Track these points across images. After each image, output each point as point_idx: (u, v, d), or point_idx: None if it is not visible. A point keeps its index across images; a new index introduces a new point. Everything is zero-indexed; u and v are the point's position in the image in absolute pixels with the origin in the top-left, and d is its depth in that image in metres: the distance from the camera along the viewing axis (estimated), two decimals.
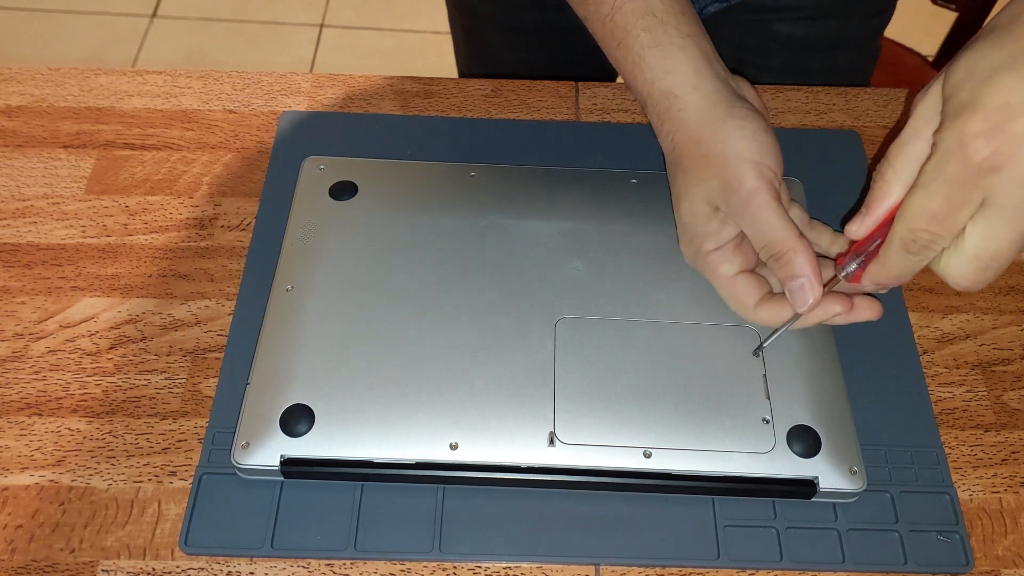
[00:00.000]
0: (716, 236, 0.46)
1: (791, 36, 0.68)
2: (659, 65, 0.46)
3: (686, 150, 0.46)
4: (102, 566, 0.42)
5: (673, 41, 0.46)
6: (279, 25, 1.86)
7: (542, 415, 0.44)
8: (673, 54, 0.46)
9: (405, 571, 0.43)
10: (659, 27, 0.47)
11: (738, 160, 0.44)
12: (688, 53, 0.46)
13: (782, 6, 0.66)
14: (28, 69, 0.61)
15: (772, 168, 0.45)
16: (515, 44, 0.77)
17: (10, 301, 0.50)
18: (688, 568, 0.43)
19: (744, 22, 0.68)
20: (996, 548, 0.44)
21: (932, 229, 0.37)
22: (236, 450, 0.43)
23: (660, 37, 0.46)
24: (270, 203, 0.54)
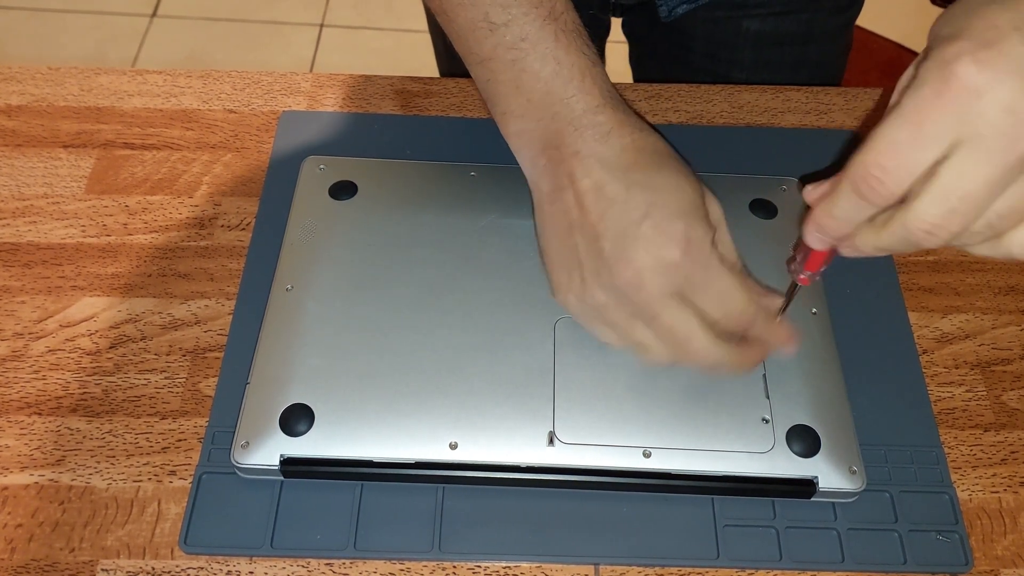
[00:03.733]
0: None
1: (760, 32, 0.69)
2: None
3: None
4: (102, 565, 0.42)
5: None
6: (279, 25, 1.86)
7: (542, 415, 0.44)
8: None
9: (405, 571, 0.43)
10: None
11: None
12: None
13: (751, 3, 0.67)
14: (28, 69, 0.61)
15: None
16: None
17: (10, 300, 0.50)
18: (688, 568, 0.43)
19: (714, 19, 0.69)
20: (995, 548, 0.44)
21: (888, 164, 0.31)
22: (236, 450, 0.43)
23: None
24: (270, 203, 0.54)
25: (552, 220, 0.44)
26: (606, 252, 0.41)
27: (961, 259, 0.55)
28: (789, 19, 0.68)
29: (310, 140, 0.57)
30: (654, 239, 0.40)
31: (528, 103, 0.44)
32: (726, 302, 0.42)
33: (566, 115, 0.43)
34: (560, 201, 0.43)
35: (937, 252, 0.55)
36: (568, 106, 0.43)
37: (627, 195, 0.41)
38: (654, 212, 0.41)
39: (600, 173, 0.42)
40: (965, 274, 0.54)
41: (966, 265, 0.54)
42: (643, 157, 0.42)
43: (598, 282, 0.42)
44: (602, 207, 0.41)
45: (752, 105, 0.62)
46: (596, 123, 0.43)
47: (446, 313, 0.47)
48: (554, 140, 0.43)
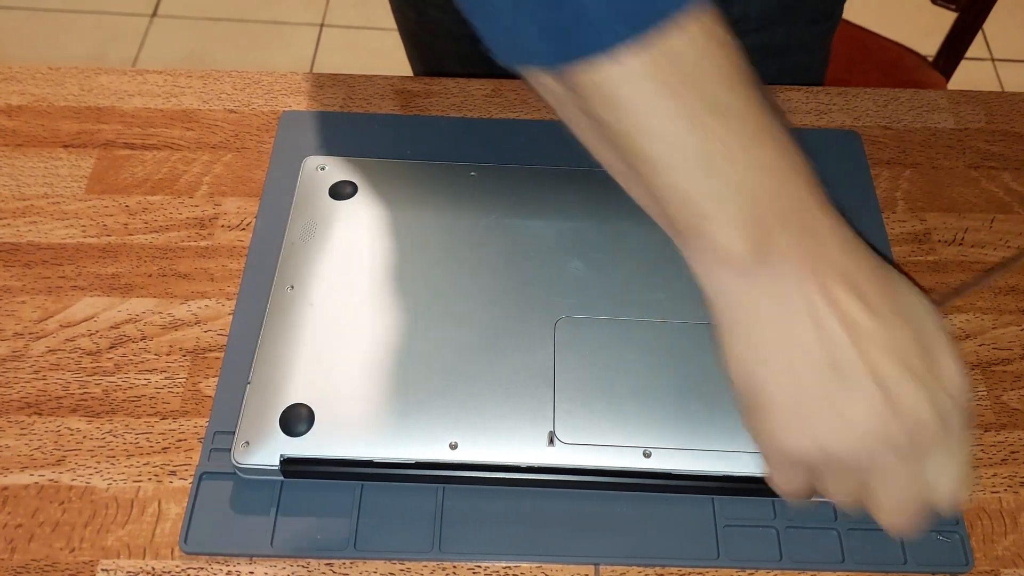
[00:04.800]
0: None
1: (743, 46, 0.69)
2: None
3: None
4: (102, 565, 0.42)
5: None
6: (279, 25, 1.86)
7: (542, 415, 0.44)
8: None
9: (405, 571, 0.43)
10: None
11: None
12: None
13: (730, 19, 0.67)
14: (28, 68, 0.61)
15: None
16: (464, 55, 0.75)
17: (10, 300, 0.50)
18: (688, 568, 0.43)
19: None
20: (996, 548, 0.44)
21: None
22: (236, 450, 0.43)
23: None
24: (270, 203, 0.54)
25: (787, 352, 0.35)
26: (873, 401, 0.34)
27: (961, 259, 0.55)
28: (767, 33, 0.69)
29: (310, 140, 0.57)
30: (932, 383, 0.34)
31: (760, 209, 0.33)
32: (953, 478, 0.36)
33: (805, 218, 0.34)
34: (802, 331, 0.34)
35: (937, 252, 0.55)
36: (808, 206, 0.34)
37: (893, 330, 0.34)
38: (927, 352, 0.35)
39: (855, 299, 0.34)
40: (965, 274, 0.54)
41: (966, 265, 0.54)
42: (882, 272, 0.36)
43: (858, 432, 0.35)
44: (867, 346, 0.34)
45: None
46: (837, 230, 0.35)
47: (446, 313, 0.47)
48: (785, 251, 0.34)
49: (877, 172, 0.58)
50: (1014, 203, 0.57)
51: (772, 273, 0.34)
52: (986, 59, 1.84)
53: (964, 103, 0.62)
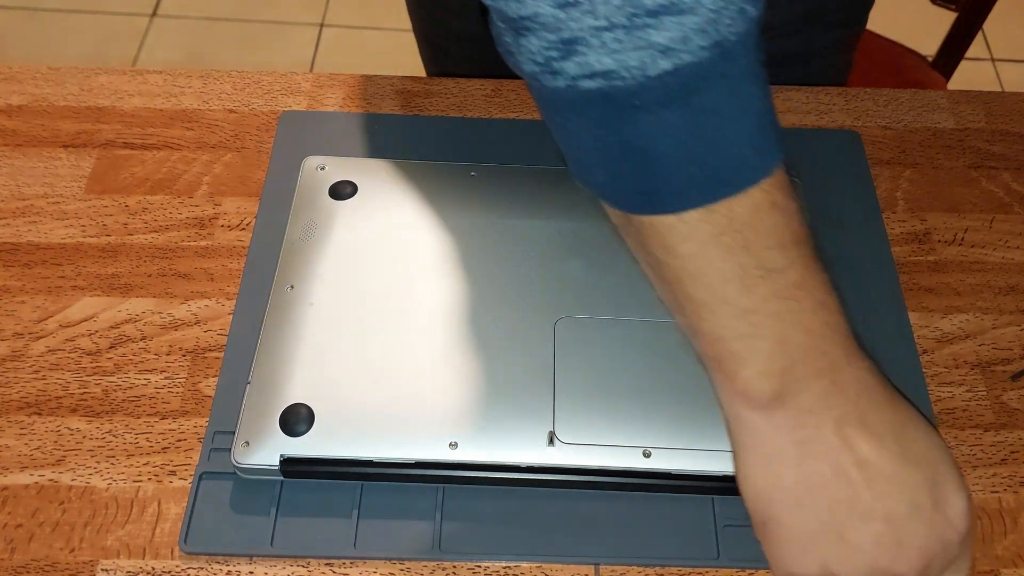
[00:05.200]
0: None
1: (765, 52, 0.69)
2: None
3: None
4: (102, 565, 0.42)
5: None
6: (279, 25, 1.86)
7: (542, 415, 0.44)
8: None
9: (405, 571, 0.43)
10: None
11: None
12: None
13: None
14: (28, 68, 0.61)
15: None
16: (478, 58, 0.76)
17: (10, 300, 0.50)
18: (688, 568, 0.43)
19: None
20: (996, 548, 0.44)
21: None
22: (236, 449, 0.43)
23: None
24: (270, 203, 0.54)
25: (803, 487, 0.37)
26: (882, 536, 0.36)
27: (961, 259, 0.55)
28: (790, 40, 0.68)
29: (310, 140, 0.57)
30: (939, 521, 0.36)
31: (790, 360, 0.35)
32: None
33: (829, 369, 0.36)
34: (817, 469, 0.36)
35: (937, 252, 0.55)
36: (833, 359, 0.36)
37: (904, 471, 0.36)
38: (936, 491, 0.36)
39: (870, 442, 0.36)
40: (965, 274, 0.54)
41: (966, 265, 0.54)
42: (899, 416, 0.37)
43: (865, 562, 0.36)
44: (879, 486, 0.36)
45: None
46: (860, 379, 0.36)
47: (446, 313, 0.47)
48: (807, 399, 0.36)
49: (877, 172, 0.58)
50: (1014, 203, 0.57)
51: (794, 417, 0.36)
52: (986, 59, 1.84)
53: (964, 103, 0.62)
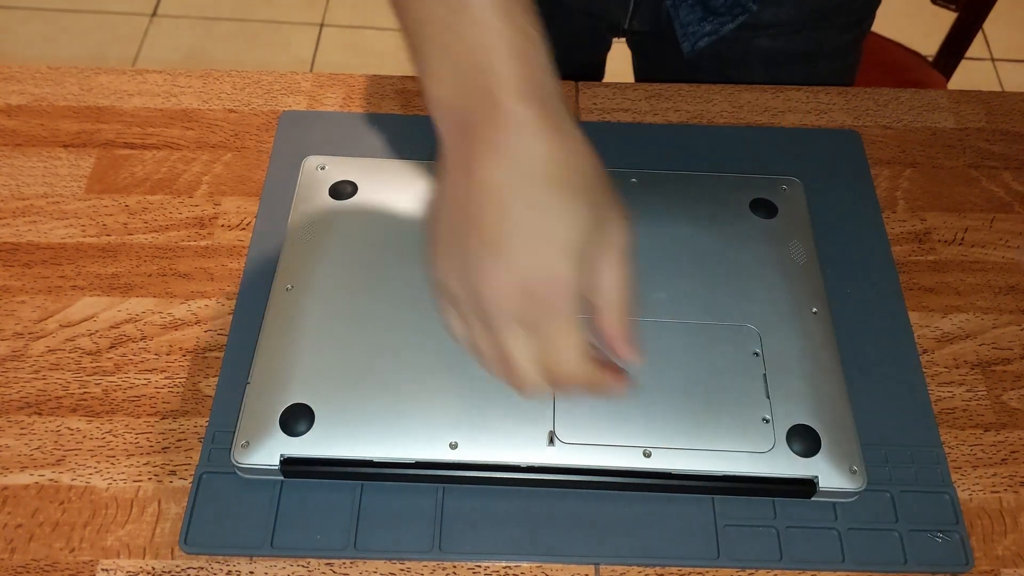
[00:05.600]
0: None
1: (771, 49, 0.69)
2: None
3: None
4: (102, 565, 0.42)
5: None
6: (279, 25, 1.86)
7: (542, 414, 0.44)
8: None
9: (405, 571, 0.43)
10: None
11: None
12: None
13: (762, 23, 0.67)
14: (28, 68, 0.61)
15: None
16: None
17: (10, 300, 0.50)
18: (688, 568, 0.43)
19: (726, 38, 0.68)
20: (996, 548, 0.44)
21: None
22: (236, 449, 0.43)
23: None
24: (270, 202, 0.54)
25: (446, 195, 0.41)
26: (476, 252, 0.39)
27: (961, 259, 0.55)
28: (799, 38, 0.68)
29: (310, 140, 0.57)
30: (518, 262, 0.38)
31: (454, 71, 0.40)
32: (558, 354, 0.40)
33: (489, 95, 0.39)
34: (457, 184, 0.40)
35: (937, 252, 0.55)
36: (493, 85, 0.39)
37: (515, 205, 0.39)
38: (530, 236, 0.38)
39: (503, 173, 0.39)
40: (965, 274, 0.54)
41: (966, 265, 0.54)
42: (553, 170, 0.39)
43: (460, 276, 0.40)
44: (490, 209, 0.39)
45: (752, 105, 0.62)
46: (518, 113, 0.39)
47: None
48: (471, 118, 0.39)
49: (877, 172, 0.58)
50: (1014, 203, 0.57)
51: (452, 132, 0.40)
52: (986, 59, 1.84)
53: (964, 103, 0.63)
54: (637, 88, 0.62)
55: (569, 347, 0.39)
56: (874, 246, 0.54)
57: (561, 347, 0.39)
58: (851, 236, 0.54)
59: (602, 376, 0.41)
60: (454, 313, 0.42)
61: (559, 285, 0.39)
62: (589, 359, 0.40)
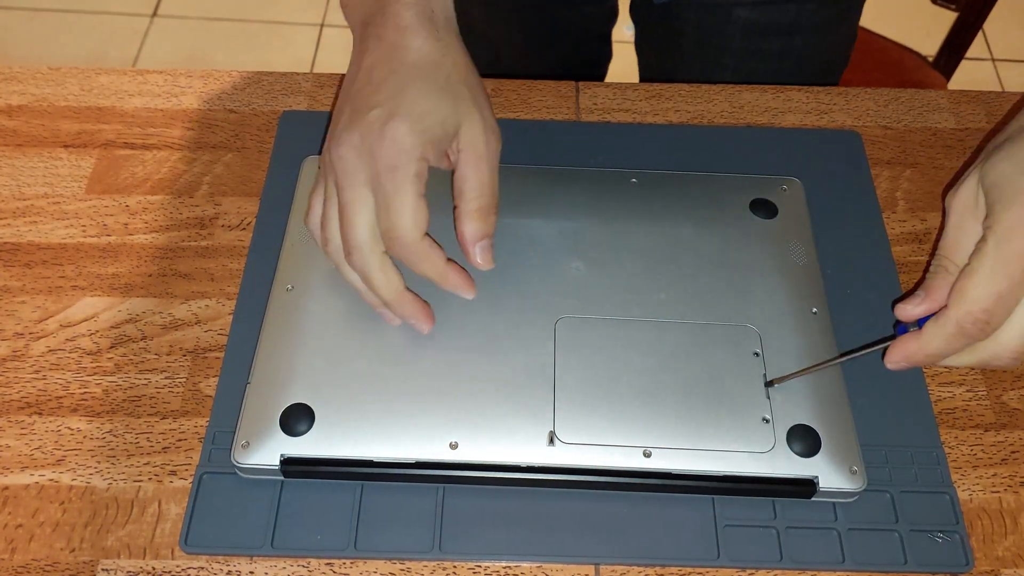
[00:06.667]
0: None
1: (749, 20, 0.71)
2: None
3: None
4: (102, 565, 0.42)
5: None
6: (279, 25, 1.86)
7: (542, 415, 0.44)
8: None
9: (405, 571, 0.43)
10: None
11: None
12: None
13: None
14: (29, 69, 0.61)
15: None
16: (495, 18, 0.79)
17: (10, 300, 0.50)
18: (688, 568, 0.43)
19: (706, 7, 0.71)
20: (996, 548, 0.44)
21: (992, 309, 0.38)
22: (236, 449, 0.43)
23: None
24: (270, 203, 0.54)
25: (345, 81, 0.47)
26: (343, 121, 0.44)
27: None
28: (777, 9, 0.70)
29: (310, 140, 0.57)
30: (368, 128, 0.42)
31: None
32: (392, 213, 0.42)
33: (381, 1, 0.46)
34: (349, 71, 0.46)
35: None
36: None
37: (381, 85, 0.44)
38: (386, 106, 0.43)
39: (380, 58, 0.44)
40: None
41: None
42: (420, 62, 0.44)
43: (329, 143, 0.45)
44: (361, 84, 0.44)
45: (752, 105, 0.62)
46: (399, 15, 0.45)
47: (446, 313, 0.47)
48: (367, 18, 0.46)
49: (877, 172, 0.58)
50: None
51: (360, 36, 0.47)
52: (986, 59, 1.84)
53: (964, 103, 0.63)
54: (637, 88, 0.62)
55: (403, 204, 0.42)
56: (874, 246, 0.54)
57: (393, 204, 0.42)
58: (851, 236, 0.54)
59: (437, 256, 0.44)
60: (319, 191, 0.46)
61: (401, 148, 0.42)
62: (423, 229, 0.43)
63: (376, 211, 0.43)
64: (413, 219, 0.42)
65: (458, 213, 0.45)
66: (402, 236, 0.42)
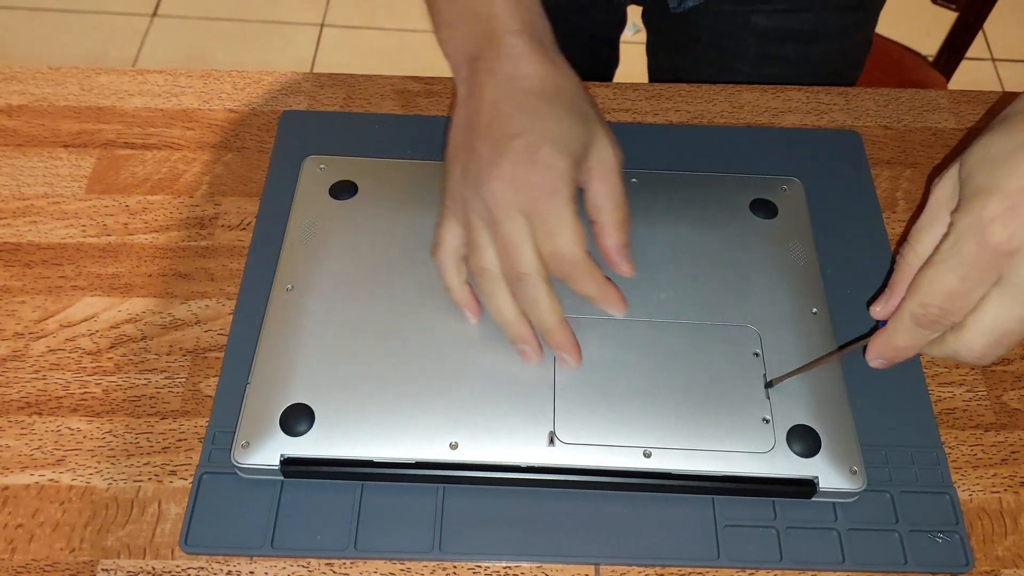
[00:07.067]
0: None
1: (766, 27, 0.71)
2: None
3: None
4: (102, 565, 0.42)
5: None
6: (279, 25, 1.86)
7: (542, 415, 0.44)
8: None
9: (405, 571, 0.43)
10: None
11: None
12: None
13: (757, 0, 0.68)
14: (29, 68, 0.61)
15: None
16: None
17: (10, 300, 0.50)
18: (688, 568, 0.43)
19: (722, 12, 0.71)
20: (996, 548, 0.44)
21: (945, 305, 0.38)
22: (236, 449, 0.43)
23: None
24: (270, 203, 0.54)
25: (457, 120, 0.47)
26: (481, 156, 0.44)
27: None
28: (795, 16, 0.69)
29: (310, 140, 0.57)
30: (516, 158, 0.43)
31: (459, 17, 0.48)
32: (556, 235, 0.43)
33: (488, 33, 0.46)
34: (466, 105, 0.47)
35: None
36: (491, 25, 0.46)
37: (514, 114, 0.44)
38: (528, 135, 0.44)
39: (502, 89, 0.45)
40: None
41: None
42: (545, 88, 0.45)
43: (467, 180, 0.45)
44: (492, 117, 0.45)
45: (752, 105, 0.62)
46: (512, 44, 0.46)
47: (446, 313, 0.47)
48: (475, 53, 0.47)
49: (877, 172, 0.58)
50: None
51: (462, 65, 0.48)
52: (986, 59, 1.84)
53: (964, 103, 0.62)
54: (637, 88, 0.62)
55: (565, 225, 0.43)
56: (874, 246, 0.54)
57: (557, 226, 0.43)
58: (851, 236, 0.54)
59: (600, 274, 0.44)
60: (452, 226, 0.46)
61: (554, 173, 0.43)
62: (585, 247, 0.43)
63: (538, 236, 0.43)
64: (577, 239, 0.43)
65: (599, 227, 0.46)
66: (569, 255, 0.43)
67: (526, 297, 0.44)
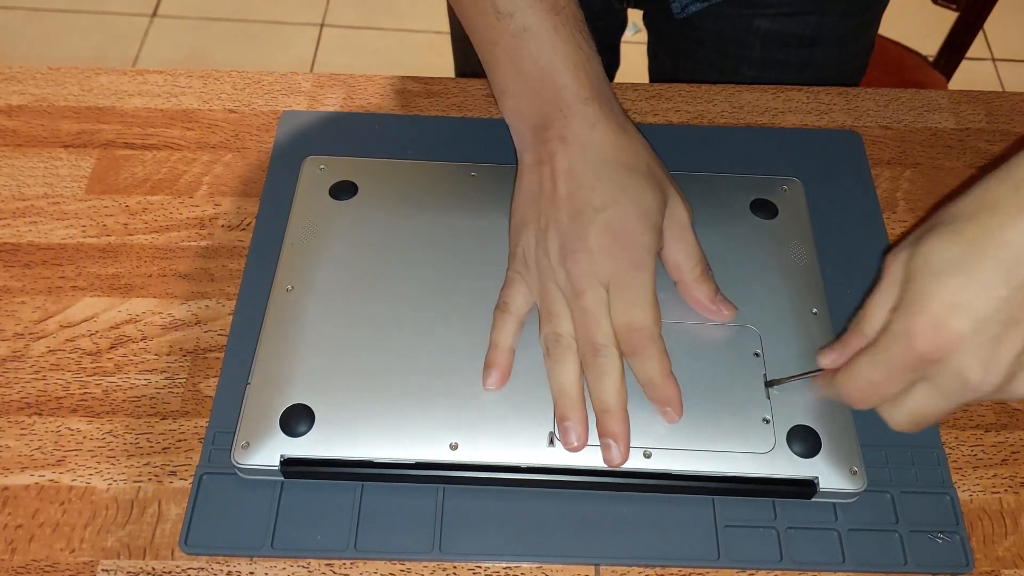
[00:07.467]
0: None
1: (770, 31, 0.71)
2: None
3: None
4: (102, 566, 0.42)
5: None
6: (279, 25, 1.86)
7: (542, 415, 0.44)
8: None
9: (405, 571, 0.43)
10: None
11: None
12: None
13: (761, 2, 0.69)
14: (29, 69, 0.61)
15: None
16: None
17: (10, 301, 0.50)
18: (688, 568, 0.43)
19: (726, 16, 0.70)
20: (996, 549, 0.44)
21: (869, 392, 0.40)
22: (236, 450, 0.43)
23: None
24: (270, 203, 0.54)
25: (527, 186, 0.48)
26: (563, 224, 0.45)
27: None
28: (798, 20, 0.69)
29: (310, 140, 0.57)
30: (601, 231, 0.44)
31: (525, 86, 0.48)
32: (635, 307, 0.44)
33: (557, 102, 0.47)
34: (537, 173, 0.47)
35: None
36: (560, 94, 0.46)
37: (596, 184, 0.45)
38: (612, 208, 0.44)
39: (578, 158, 0.46)
40: None
41: None
42: (621, 156, 0.46)
43: (546, 249, 0.46)
44: (571, 187, 0.45)
45: (753, 105, 0.62)
46: (584, 113, 0.46)
47: (446, 313, 0.47)
48: (543, 122, 0.47)
49: (878, 172, 0.58)
50: None
51: (525, 135, 0.48)
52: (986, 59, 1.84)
53: (965, 103, 0.62)
54: (637, 88, 0.62)
55: (645, 299, 0.44)
56: (874, 246, 0.54)
57: (637, 298, 0.44)
58: (851, 236, 0.54)
59: (668, 361, 0.44)
60: (522, 291, 0.47)
61: (640, 247, 0.44)
62: (660, 326, 0.44)
63: (616, 308, 0.44)
64: (655, 314, 0.44)
65: (686, 283, 0.47)
66: (647, 330, 0.44)
67: (598, 368, 0.43)
